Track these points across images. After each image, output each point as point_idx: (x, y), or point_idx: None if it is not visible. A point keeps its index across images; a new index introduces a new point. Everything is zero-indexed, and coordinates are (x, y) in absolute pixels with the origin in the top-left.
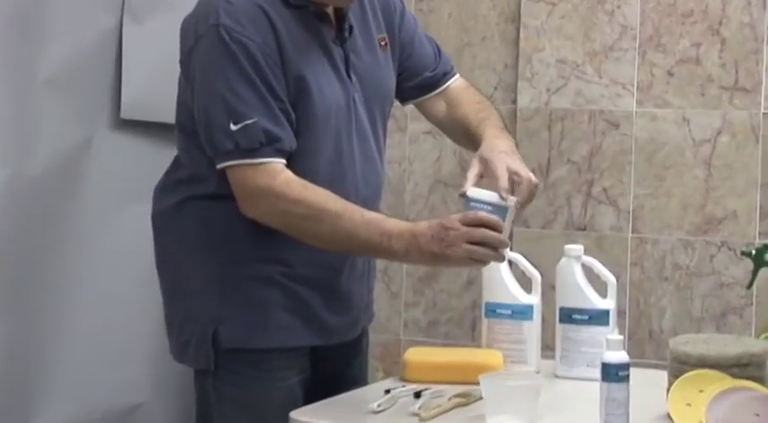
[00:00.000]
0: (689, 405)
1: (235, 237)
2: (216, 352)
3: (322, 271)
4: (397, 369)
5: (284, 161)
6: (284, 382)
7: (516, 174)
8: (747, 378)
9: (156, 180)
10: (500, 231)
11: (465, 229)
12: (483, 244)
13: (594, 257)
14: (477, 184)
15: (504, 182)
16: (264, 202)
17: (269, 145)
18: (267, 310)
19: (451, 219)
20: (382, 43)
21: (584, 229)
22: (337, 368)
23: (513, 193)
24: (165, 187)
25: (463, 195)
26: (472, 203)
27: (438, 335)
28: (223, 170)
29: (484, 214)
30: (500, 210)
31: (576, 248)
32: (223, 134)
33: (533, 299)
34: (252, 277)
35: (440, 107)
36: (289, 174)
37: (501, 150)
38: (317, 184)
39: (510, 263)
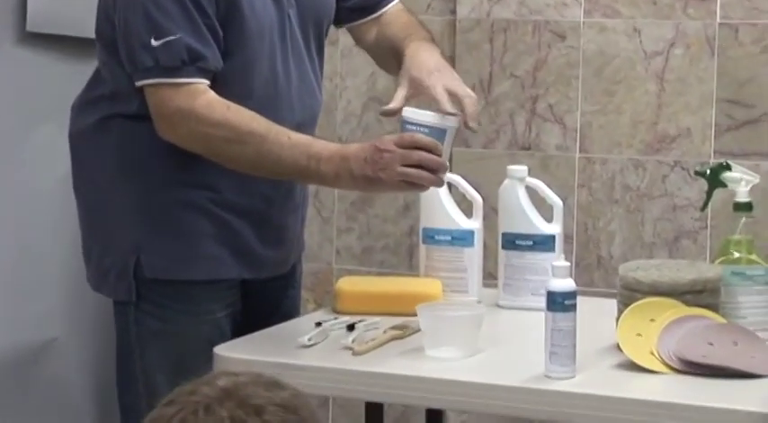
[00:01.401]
0: (639, 335)
1: (160, 159)
2: (138, 282)
3: (254, 200)
4: (329, 300)
5: (208, 82)
6: (211, 315)
7: (454, 94)
8: (701, 305)
9: (68, 98)
10: (439, 154)
11: (400, 151)
12: (420, 167)
13: (539, 179)
14: (408, 105)
15: (446, 103)
16: (184, 124)
17: (192, 64)
18: (194, 238)
19: (385, 140)
20: None
21: (529, 149)
22: (269, 301)
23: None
24: (84, 104)
25: (385, 114)
26: (408, 126)
27: (373, 263)
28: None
29: (421, 136)
30: (438, 131)
31: (519, 169)
32: (142, 49)
33: (474, 224)
34: (177, 203)
35: (372, 32)
36: (211, 95)
37: (432, 68)
38: (249, 108)
39: (449, 186)
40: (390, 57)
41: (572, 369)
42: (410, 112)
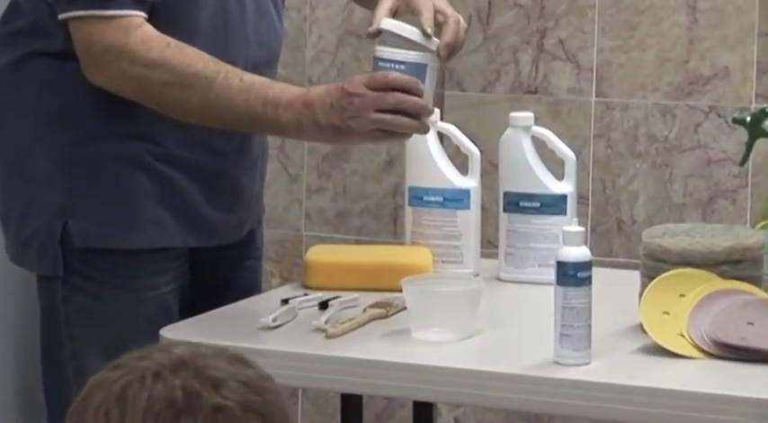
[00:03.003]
0: (667, 313)
1: (90, 104)
2: (65, 253)
3: (203, 153)
4: (298, 273)
5: (144, 14)
6: (155, 290)
7: (441, 12)
8: (740, 278)
9: None
10: (419, 94)
11: (372, 94)
12: (399, 112)
13: (548, 128)
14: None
15: (428, 15)
16: (115, 65)
17: None
18: (131, 199)
19: (355, 81)
20: None
21: (536, 93)
22: (222, 274)
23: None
24: None
25: (372, 35)
26: (380, 63)
27: (349, 229)
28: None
29: (396, 74)
30: (417, 67)
31: (524, 117)
32: None
33: (470, 182)
34: (111, 157)
35: None
36: (148, 29)
37: None
38: (195, 46)
39: (440, 137)
40: None
41: (586, 354)
42: (385, 47)
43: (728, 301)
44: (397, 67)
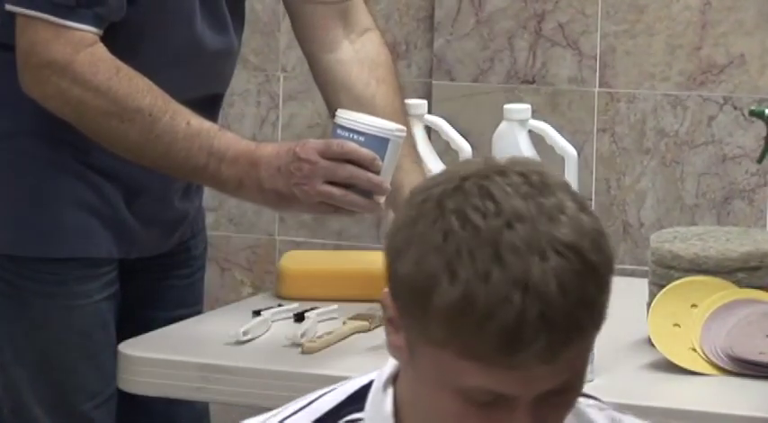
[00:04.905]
0: (677, 325)
1: (13, 99)
2: None
3: (126, 163)
4: (271, 281)
5: (99, 32)
6: (85, 299)
7: None
8: (758, 287)
9: None
10: (376, 171)
11: (325, 163)
12: (350, 186)
13: (547, 121)
14: None
15: None
16: (54, 82)
17: (88, 6)
18: (53, 203)
19: (308, 147)
20: None
21: (533, 82)
22: (153, 283)
23: None
24: None
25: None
26: (339, 131)
27: (328, 234)
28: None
29: (354, 146)
30: (377, 141)
31: (520, 109)
32: None
33: None
34: (33, 157)
35: (333, 42)
36: (99, 50)
37: None
38: (167, 55)
39: (428, 131)
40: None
41: (588, 370)
42: (346, 114)
43: (745, 312)
44: (355, 137)
